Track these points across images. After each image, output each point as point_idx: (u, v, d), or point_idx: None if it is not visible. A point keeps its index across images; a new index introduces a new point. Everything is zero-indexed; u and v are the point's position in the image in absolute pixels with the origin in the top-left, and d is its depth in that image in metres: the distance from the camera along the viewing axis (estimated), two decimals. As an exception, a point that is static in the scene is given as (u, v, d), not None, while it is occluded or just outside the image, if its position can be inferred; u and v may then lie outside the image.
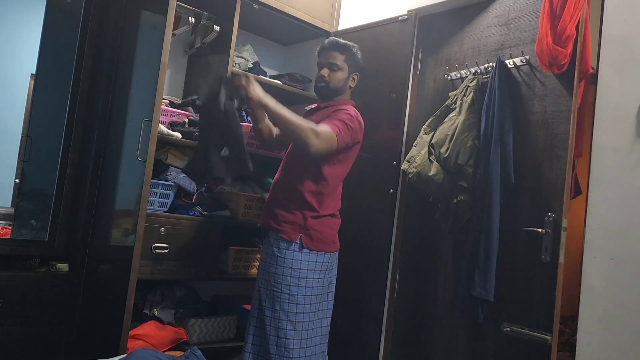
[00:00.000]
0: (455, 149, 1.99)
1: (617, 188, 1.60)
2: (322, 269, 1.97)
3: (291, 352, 1.85)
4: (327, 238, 1.98)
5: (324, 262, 1.98)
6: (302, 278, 1.91)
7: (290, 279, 1.90)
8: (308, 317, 1.91)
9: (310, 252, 1.93)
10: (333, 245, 2.02)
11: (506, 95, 1.95)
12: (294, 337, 1.87)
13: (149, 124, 2.00)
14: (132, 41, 2.37)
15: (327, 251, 1.98)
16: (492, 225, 1.87)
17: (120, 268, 2.01)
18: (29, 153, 2.37)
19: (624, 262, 1.56)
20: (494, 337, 1.93)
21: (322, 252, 1.96)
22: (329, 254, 2.00)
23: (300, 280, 1.90)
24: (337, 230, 2.05)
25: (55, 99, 2.44)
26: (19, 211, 2.37)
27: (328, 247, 1.99)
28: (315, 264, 1.94)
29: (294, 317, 1.88)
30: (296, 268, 1.90)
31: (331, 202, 2.00)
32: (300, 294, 1.89)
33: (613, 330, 1.56)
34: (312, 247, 1.94)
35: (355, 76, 2.09)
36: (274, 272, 1.91)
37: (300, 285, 1.90)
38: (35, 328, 2.16)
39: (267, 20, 2.70)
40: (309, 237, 1.94)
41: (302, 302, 1.90)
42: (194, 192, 2.31)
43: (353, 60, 2.07)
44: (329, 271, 2.02)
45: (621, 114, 1.61)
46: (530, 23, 1.98)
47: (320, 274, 1.96)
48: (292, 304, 1.88)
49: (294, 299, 1.88)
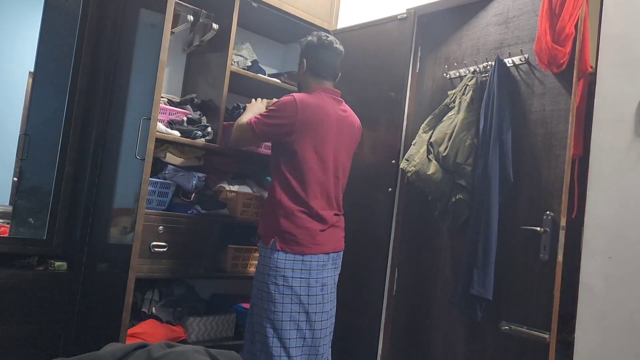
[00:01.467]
0: (454, 148, 1.99)
1: (616, 187, 1.60)
2: (304, 268, 1.92)
3: (272, 349, 1.87)
4: (303, 240, 1.92)
5: (305, 261, 1.92)
6: (280, 276, 1.90)
7: (268, 277, 1.91)
8: (289, 317, 1.89)
9: (286, 253, 1.92)
10: (314, 247, 1.94)
11: (505, 94, 1.95)
12: (273, 335, 1.88)
13: (147, 123, 2.00)
14: (131, 39, 2.36)
15: (305, 253, 1.92)
16: (490, 223, 1.88)
17: (118, 266, 2.01)
18: (27, 151, 2.36)
19: (622, 260, 1.56)
20: (493, 336, 1.93)
21: (301, 254, 1.92)
22: (311, 255, 1.93)
23: (277, 278, 1.90)
24: (318, 231, 1.96)
25: (53, 97, 2.43)
26: (17, 209, 2.37)
27: (307, 249, 1.93)
28: (293, 262, 1.92)
29: (272, 315, 1.89)
30: (273, 267, 1.91)
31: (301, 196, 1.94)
32: (277, 292, 1.89)
33: (611, 328, 1.56)
34: (288, 249, 1.91)
35: (304, 60, 2.11)
36: (259, 272, 1.97)
37: (277, 284, 1.90)
38: (33, 327, 2.16)
39: (266, 18, 2.69)
40: (283, 239, 1.92)
41: (280, 300, 1.89)
42: (192, 191, 2.30)
43: (301, 51, 2.15)
44: (318, 271, 1.95)
45: (620, 112, 1.61)
46: (529, 22, 1.98)
47: (303, 274, 1.92)
48: (270, 302, 1.90)
49: (272, 298, 1.90)
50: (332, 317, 2.05)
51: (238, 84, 2.53)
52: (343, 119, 2.07)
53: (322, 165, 1.99)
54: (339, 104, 2.10)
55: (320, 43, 2.09)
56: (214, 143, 2.35)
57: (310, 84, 2.09)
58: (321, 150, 1.98)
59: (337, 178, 2.05)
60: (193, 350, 1.30)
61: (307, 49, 2.11)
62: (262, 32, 2.94)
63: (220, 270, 2.41)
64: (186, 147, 2.33)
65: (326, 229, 1.99)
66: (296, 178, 1.96)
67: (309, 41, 2.12)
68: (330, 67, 2.10)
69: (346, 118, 2.09)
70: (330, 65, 2.10)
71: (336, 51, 2.11)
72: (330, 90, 2.09)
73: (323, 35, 2.12)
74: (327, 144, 2.00)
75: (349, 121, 2.10)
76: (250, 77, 2.53)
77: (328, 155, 2.00)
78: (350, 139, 2.11)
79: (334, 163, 2.02)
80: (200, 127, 2.33)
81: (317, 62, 2.08)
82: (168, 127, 2.24)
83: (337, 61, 2.12)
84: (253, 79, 2.55)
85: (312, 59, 2.09)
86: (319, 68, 2.08)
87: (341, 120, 2.06)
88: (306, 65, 2.10)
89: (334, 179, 2.03)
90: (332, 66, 2.10)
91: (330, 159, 2.01)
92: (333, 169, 2.02)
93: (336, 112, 2.05)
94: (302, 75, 2.13)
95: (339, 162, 2.05)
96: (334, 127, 2.02)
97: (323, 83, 2.09)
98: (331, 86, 2.11)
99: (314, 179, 1.96)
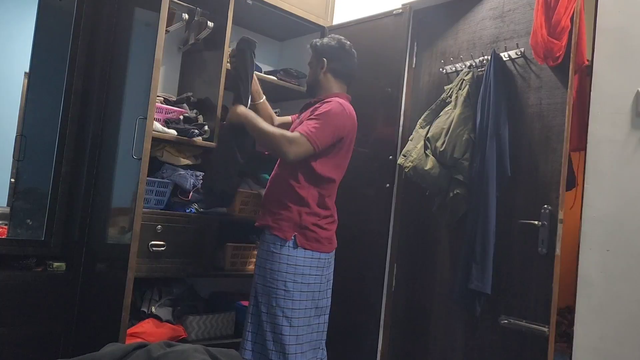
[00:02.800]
0: (451, 143, 1.99)
1: (613, 179, 1.60)
2: (319, 266, 1.96)
3: (287, 347, 1.86)
4: (323, 238, 1.97)
5: (321, 258, 1.97)
6: (299, 274, 1.91)
7: (287, 274, 1.90)
8: (304, 314, 1.92)
9: (305, 250, 1.93)
10: (329, 245, 2.00)
11: (501, 88, 1.95)
12: (289, 333, 1.88)
13: (143, 122, 1.99)
14: (126, 38, 2.35)
15: (322, 251, 1.97)
16: (488, 218, 1.88)
17: (117, 266, 2.01)
18: (24, 152, 2.35)
19: (620, 253, 1.56)
20: (492, 330, 1.94)
21: (318, 252, 1.96)
22: (325, 253, 1.99)
23: (296, 276, 1.90)
24: (334, 231, 2.04)
25: (49, 98, 2.42)
26: (15, 211, 2.36)
27: (323, 247, 1.97)
28: (311, 260, 1.94)
29: (290, 312, 1.88)
30: (292, 264, 1.91)
31: (327, 201, 1.99)
32: (296, 290, 1.90)
33: (609, 321, 1.56)
34: (307, 246, 1.93)
35: (324, 60, 2.07)
36: (270, 269, 1.92)
37: (296, 282, 1.90)
38: (32, 328, 2.15)
39: (261, 15, 2.68)
40: (304, 235, 1.93)
41: (298, 298, 1.90)
42: (190, 189, 2.30)
43: (317, 51, 2.10)
44: (326, 268, 2.01)
45: (616, 105, 1.61)
46: (525, 15, 1.97)
47: (318, 271, 1.96)
48: (287, 300, 1.89)
49: (290, 295, 1.89)
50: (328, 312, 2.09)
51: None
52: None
53: (342, 170, 2.04)
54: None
55: (342, 46, 2.08)
56: (211, 141, 2.34)
57: (332, 88, 2.07)
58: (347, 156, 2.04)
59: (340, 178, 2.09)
60: (192, 350, 1.30)
61: (328, 50, 2.08)
62: (257, 29, 2.93)
63: (219, 268, 2.41)
64: (183, 146, 2.32)
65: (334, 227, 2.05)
66: (325, 180, 1.97)
67: (326, 43, 2.09)
68: (352, 73, 2.12)
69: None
70: (351, 69, 2.11)
71: (355, 57, 2.12)
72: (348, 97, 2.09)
73: (343, 39, 2.11)
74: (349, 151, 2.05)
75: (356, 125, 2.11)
76: (246, 74, 2.52)
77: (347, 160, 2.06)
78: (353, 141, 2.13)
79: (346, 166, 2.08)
80: (197, 126, 2.32)
81: (342, 66, 2.08)
82: (165, 126, 2.24)
83: (356, 67, 2.13)
84: (249, 77, 2.54)
85: (336, 61, 2.07)
86: (344, 72, 2.08)
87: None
88: (327, 65, 2.06)
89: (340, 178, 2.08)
90: (352, 70, 2.12)
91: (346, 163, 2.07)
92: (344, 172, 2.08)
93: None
94: (321, 75, 2.08)
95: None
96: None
97: (345, 89, 2.10)
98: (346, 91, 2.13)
99: (335, 180, 2.01)
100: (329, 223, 2.01)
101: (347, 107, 1.98)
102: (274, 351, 1.87)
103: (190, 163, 2.36)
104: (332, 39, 2.11)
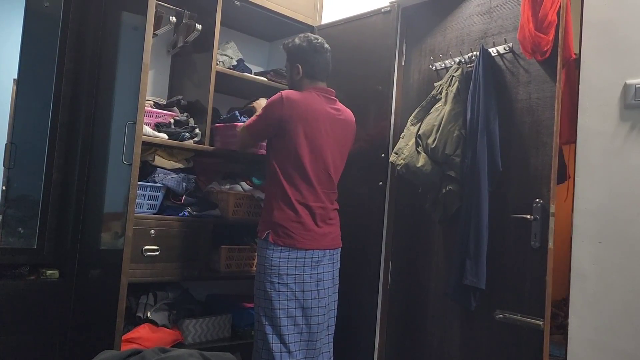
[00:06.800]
0: (442, 139, 1.99)
1: (603, 171, 1.61)
2: (297, 265, 1.96)
3: (271, 346, 1.91)
4: (296, 233, 1.95)
5: (299, 257, 1.96)
6: (275, 274, 1.93)
7: (264, 275, 1.95)
8: (286, 313, 1.93)
9: (281, 248, 1.94)
10: (308, 242, 1.97)
11: (491, 83, 1.95)
12: (272, 332, 1.93)
13: (133, 127, 1.98)
14: (114, 43, 2.34)
15: (298, 248, 1.95)
16: (481, 213, 1.88)
17: (111, 272, 2.00)
18: (14, 160, 2.33)
19: (612, 245, 1.57)
20: (487, 324, 1.94)
21: (294, 249, 1.95)
22: (305, 251, 1.97)
23: (272, 276, 1.93)
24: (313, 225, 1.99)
25: (38, 104, 2.40)
26: (6, 219, 2.34)
27: (299, 243, 1.95)
28: (287, 259, 1.95)
29: (270, 312, 1.93)
30: (268, 265, 1.94)
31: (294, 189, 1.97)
32: (273, 290, 1.93)
33: (603, 312, 1.57)
34: (279, 242, 1.94)
35: (299, 66, 2.09)
36: (257, 271, 2.01)
37: (272, 282, 1.93)
38: (27, 337, 2.14)
39: (249, 16, 2.68)
40: (276, 232, 1.95)
41: (276, 298, 1.93)
42: (182, 193, 2.29)
43: (290, 55, 2.13)
44: (312, 267, 1.99)
45: (604, 98, 1.62)
46: (512, 10, 1.98)
47: (297, 270, 1.96)
48: (267, 300, 1.94)
49: (268, 295, 1.94)
50: (331, 311, 2.09)
51: (224, 84, 2.52)
52: (334, 117, 2.08)
53: (315, 161, 2.01)
54: (331, 103, 2.10)
55: (312, 47, 2.09)
56: (202, 144, 2.34)
57: (304, 86, 2.10)
58: (313, 145, 2.00)
59: (329, 174, 2.06)
60: (187, 354, 1.29)
61: (300, 54, 2.09)
62: (246, 30, 2.92)
63: (214, 271, 2.40)
64: (175, 150, 2.31)
65: (322, 224, 2.02)
66: (289, 172, 1.98)
67: (298, 45, 2.10)
68: (325, 69, 2.12)
69: (338, 116, 2.10)
70: (325, 68, 2.12)
71: (328, 52, 2.13)
72: (323, 90, 2.10)
73: (312, 38, 2.11)
74: (318, 140, 2.01)
75: (342, 119, 2.12)
76: (236, 76, 2.52)
77: (320, 151, 2.02)
78: (344, 137, 2.13)
79: (326, 159, 2.04)
80: (188, 129, 2.31)
81: (312, 66, 2.09)
82: (155, 130, 2.23)
83: (330, 61, 2.14)
84: (239, 78, 2.54)
85: (308, 65, 2.08)
86: (315, 72, 2.10)
87: (333, 118, 2.07)
88: (302, 71, 2.09)
89: (327, 175, 2.05)
90: (326, 68, 2.13)
91: (323, 155, 2.02)
92: (325, 165, 2.03)
93: (326, 110, 2.05)
94: (298, 80, 2.11)
95: (331, 158, 2.06)
96: (326, 124, 2.04)
97: (316, 83, 2.10)
98: (324, 85, 2.13)
99: (307, 173, 1.99)
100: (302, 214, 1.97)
101: (287, 94, 2.00)
102: (263, 349, 1.93)
103: (182, 166, 2.35)
104: (302, 39, 2.11)
